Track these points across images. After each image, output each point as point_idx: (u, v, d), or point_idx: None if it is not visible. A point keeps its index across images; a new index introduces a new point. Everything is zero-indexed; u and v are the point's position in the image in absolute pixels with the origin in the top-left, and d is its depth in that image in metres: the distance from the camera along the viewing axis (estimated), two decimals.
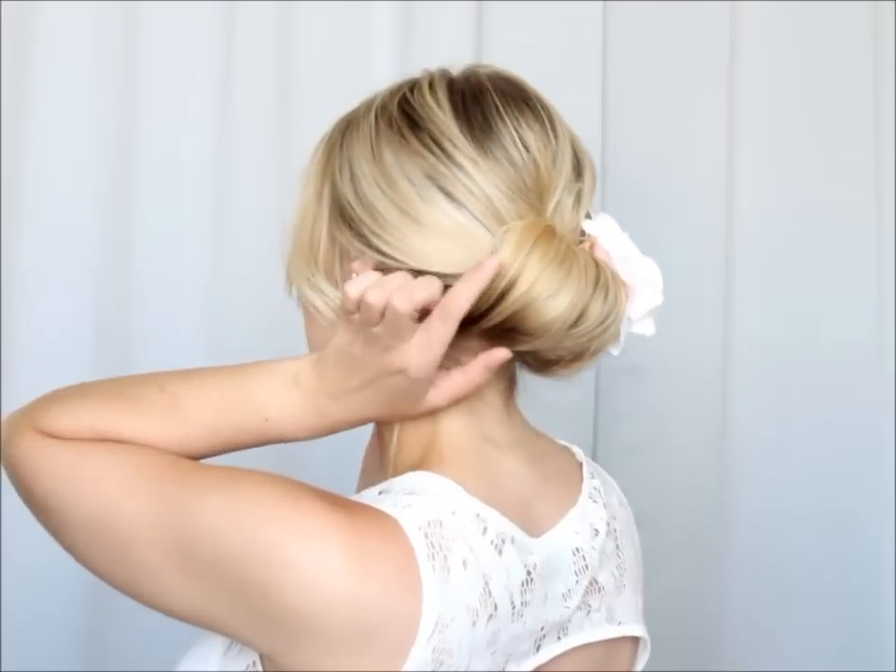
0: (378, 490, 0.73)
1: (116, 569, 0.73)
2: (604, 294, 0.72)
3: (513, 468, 0.78)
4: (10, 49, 1.52)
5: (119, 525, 0.70)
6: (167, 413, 0.75)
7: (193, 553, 0.67)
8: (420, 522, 0.68)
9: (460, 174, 0.73)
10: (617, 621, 0.82)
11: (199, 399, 0.75)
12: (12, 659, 1.50)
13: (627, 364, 1.67)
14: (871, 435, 1.66)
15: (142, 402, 0.75)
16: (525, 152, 0.74)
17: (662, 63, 1.67)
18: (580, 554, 0.79)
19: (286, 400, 0.75)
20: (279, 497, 0.67)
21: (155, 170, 1.56)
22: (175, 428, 0.74)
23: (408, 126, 0.75)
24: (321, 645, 0.66)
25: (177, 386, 0.76)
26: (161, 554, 0.69)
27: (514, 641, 0.73)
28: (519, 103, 0.77)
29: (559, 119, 0.79)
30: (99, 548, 0.73)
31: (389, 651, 0.66)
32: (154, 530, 0.69)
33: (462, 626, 0.68)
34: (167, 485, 0.70)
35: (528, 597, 0.73)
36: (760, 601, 1.65)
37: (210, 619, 0.69)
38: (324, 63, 1.57)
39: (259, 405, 0.75)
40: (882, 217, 1.67)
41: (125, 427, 0.74)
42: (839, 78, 1.67)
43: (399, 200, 0.74)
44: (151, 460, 0.73)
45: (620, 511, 0.87)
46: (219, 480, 0.70)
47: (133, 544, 0.70)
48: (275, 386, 0.75)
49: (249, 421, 0.75)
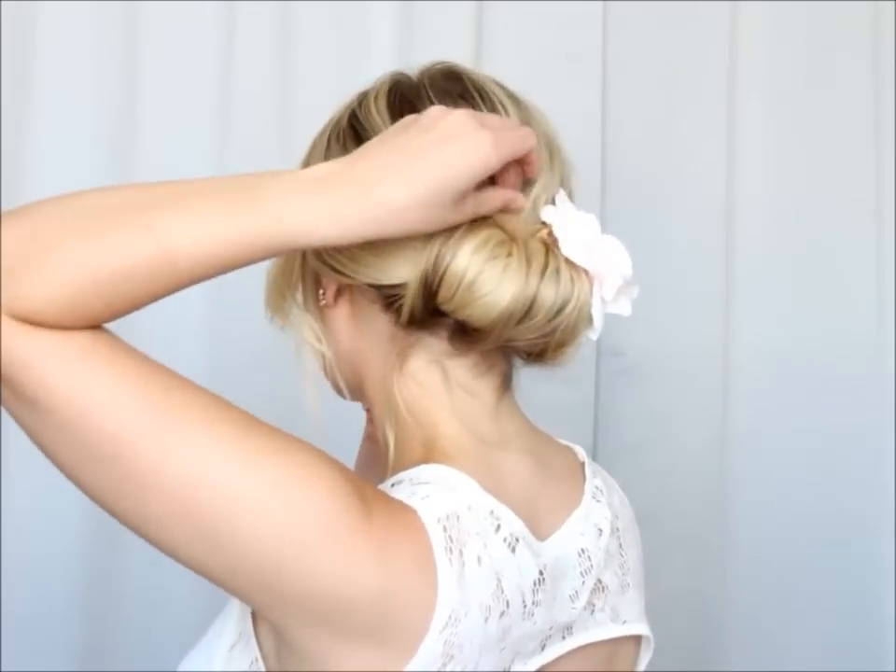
0: (391, 482, 0.73)
1: (117, 501, 0.65)
2: (554, 281, 0.70)
3: (514, 466, 0.78)
4: (10, 49, 1.52)
5: (139, 468, 0.63)
6: (166, 263, 0.63)
7: (220, 525, 0.64)
8: (439, 514, 0.68)
9: None
10: (622, 620, 0.83)
11: (195, 228, 0.64)
12: (12, 659, 1.50)
13: (627, 364, 1.67)
14: (871, 435, 1.66)
15: (126, 254, 0.63)
16: None
17: (662, 63, 1.67)
18: (585, 555, 0.79)
19: (308, 195, 0.65)
20: (328, 486, 0.65)
21: (155, 170, 1.56)
22: (168, 281, 0.65)
23: (352, 139, 0.76)
24: (338, 631, 0.66)
25: (166, 219, 0.64)
26: (179, 513, 0.64)
27: (523, 640, 0.73)
28: (455, 99, 0.76)
29: (508, 109, 0.76)
30: (105, 482, 0.65)
31: (402, 643, 0.66)
32: (178, 490, 0.63)
33: (474, 622, 0.68)
34: (207, 447, 0.63)
35: (540, 597, 0.73)
36: (760, 601, 1.65)
37: (221, 582, 0.67)
38: (324, 63, 1.57)
39: (273, 209, 0.64)
40: (882, 217, 1.67)
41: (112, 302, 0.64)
42: (839, 79, 1.67)
43: None
44: (189, 413, 0.64)
45: (622, 510, 0.87)
46: (271, 451, 0.65)
47: (150, 491, 0.63)
48: (291, 191, 0.65)
49: (258, 227, 0.64)
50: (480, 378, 0.77)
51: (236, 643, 0.73)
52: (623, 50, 1.67)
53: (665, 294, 1.68)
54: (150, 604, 1.53)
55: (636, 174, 1.67)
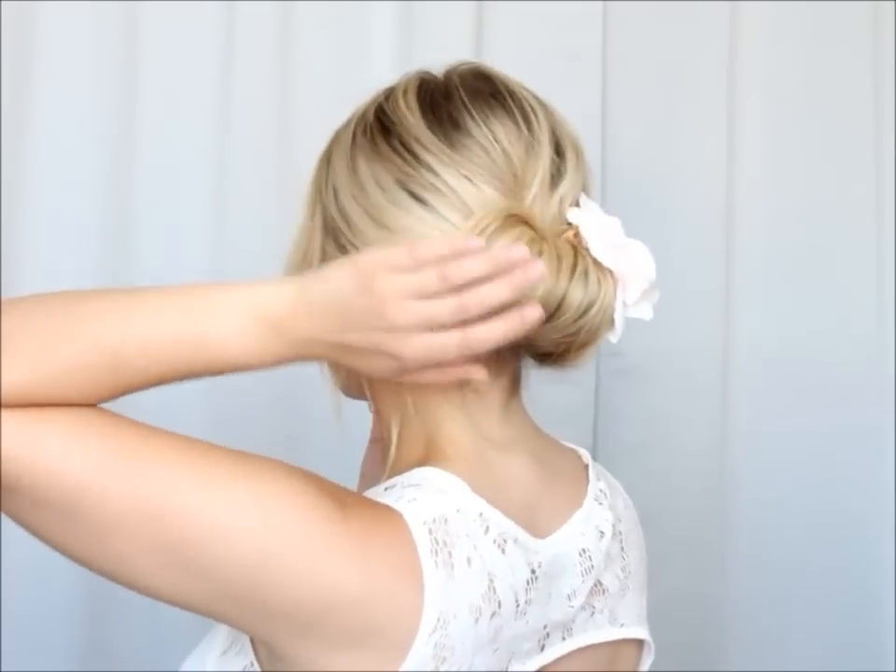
0: (384, 486, 0.73)
1: (95, 556, 0.66)
2: (583, 283, 0.71)
3: (517, 469, 0.78)
4: (10, 49, 1.52)
5: (101, 512, 0.64)
6: (109, 373, 0.65)
7: (194, 552, 0.64)
8: (425, 517, 0.68)
9: (427, 173, 0.73)
10: (619, 623, 0.83)
11: (145, 349, 0.65)
12: (12, 659, 1.50)
13: (627, 364, 1.67)
14: (871, 434, 1.66)
15: (82, 370, 0.65)
16: (494, 144, 0.74)
17: (662, 63, 1.67)
18: (586, 555, 0.79)
19: (241, 327, 0.65)
20: (299, 496, 0.66)
21: (155, 171, 1.56)
22: (117, 385, 0.66)
23: (380, 133, 0.76)
24: (327, 640, 0.66)
25: (117, 340, 0.65)
26: (150, 552, 0.65)
27: (517, 640, 0.73)
28: (487, 98, 0.77)
29: (537, 111, 0.78)
30: (73, 535, 0.66)
31: (391, 646, 0.66)
32: (143, 528, 0.64)
33: (464, 623, 0.68)
34: (165, 476, 0.64)
35: (532, 595, 0.73)
36: (760, 601, 1.65)
37: (205, 611, 0.68)
38: (324, 63, 1.57)
39: (212, 338, 0.66)
40: (882, 217, 1.67)
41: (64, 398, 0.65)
42: (839, 79, 1.67)
43: (370, 207, 0.75)
44: (144, 442, 0.65)
45: (625, 513, 0.87)
46: (233, 471, 0.65)
47: (115, 536, 0.64)
48: (232, 312, 0.66)
49: (197, 353, 0.66)
50: (491, 379, 0.76)
51: (228, 649, 0.73)
52: (622, 50, 1.66)
53: (665, 294, 1.66)
54: (151, 604, 1.52)
55: (636, 174, 1.67)
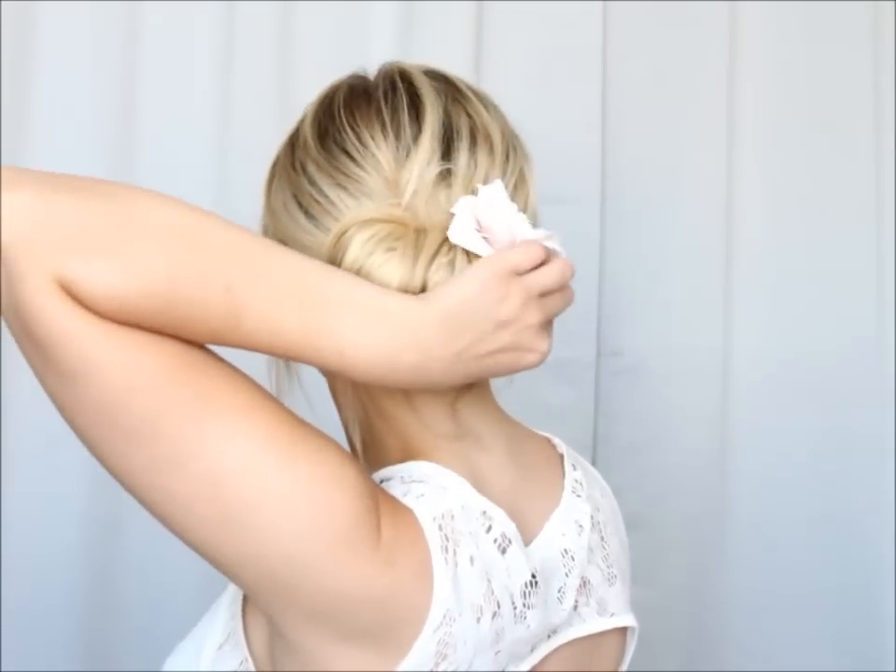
0: (379, 479, 0.73)
1: (141, 477, 0.63)
2: (446, 271, 0.70)
3: (491, 463, 0.78)
4: (10, 49, 1.52)
5: (168, 448, 0.62)
6: (227, 324, 0.63)
7: (239, 515, 0.63)
8: (435, 513, 0.69)
9: (311, 186, 0.74)
10: (609, 612, 0.83)
11: (269, 318, 0.64)
12: (12, 659, 1.50)
13: (627, 364, 1.67)
14: (871, 435, 1.66)
15: (199, 296, 0.62)
16: (362, 150, 0.74)
17: (662, 62, 1.67)
18: (568, 555, 0.79)
19: (372, 340, 0.65)
20: (351, 485, 0.65)
21: (155, 171, 1.56)
22: (220, 338, 0.64)
23: (289, 148, 0.79)
24: (339, 630, 0.66)
25: (246, 292, 0.63)
26: (205, 509, 0.63)
27: (518, 644, 0.73)
28: (359, 103, 0.77)
29: (422, 106, 0.75)
30: (132, 448, 0.63)
31: (397, 642, 0.66)
32: (204, 478, 0.62)
33: (468, 622, 0.68)
34: (243, 437, 0.63)
35: (533, 600, 0.73)
36: (759, 601, 1.65)
37: (228, 571, 0.66)
38: (324, 62, 1.57)
39: (338, 339, 0.65)
40: (882, 218, 1.67)
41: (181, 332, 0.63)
42: (839, 78, 1.67)
43: (274, 224, 0.77)
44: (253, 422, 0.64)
45: (603, 501, 0.87)
46: (293, 442, 0.64)
47: (173, 474, 0.62)
48: (365, 324, 0.66)
49: (317, 350, 0.65)
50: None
51: (224, 643, 0.73)
52: (623, 50, 1.66)
53: (665, 294, 1.68)
54: (151, 603, 1.53)
55: (636, 174, 1.67)
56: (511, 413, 0.85)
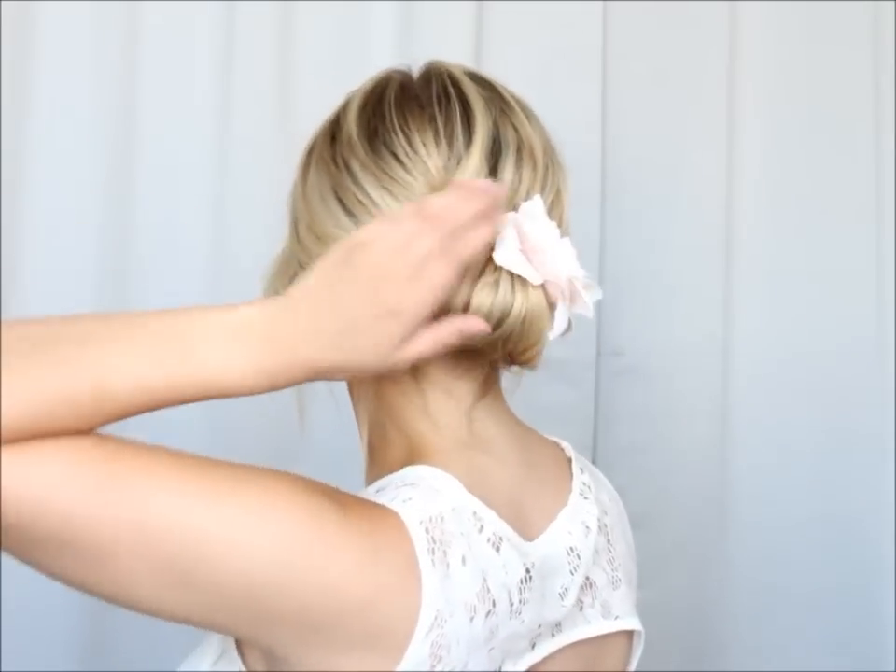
0: (375, 488, 0.73)
1: (95, 582, 0.65)
2: (490, 291, 0.72)
3: (496, 468, 0.78)
4: (10, 49, 1.52)
5: (97, 541, 0.62)
6: (94, 404, 0.63)
7: (195, 569, 0.63)
8: (421, 517, 0.69)
9: (354, 185, 0.75)
10: (614, 615, 0.83)
11: (127, 371, 0.63)
12: (12, 659, 1.50)
13: (627, 364, 1.67)
14: (872, 435, 1.66)
15: (62, 389, 0.62)
16: (412, 155, 0.74)
17: (662, 62, 1.67)
18: (574, 553, 0.79)
19: (232, 349, 0.65)
20: (296, 504, 0.65)
21: (155, 170, 1.56)
22: (99, 415, 0.64)
23: (330, 140, 0.78)
24: (332, 643, 0.66)
25: (100, 359, 0.63)
26: (151, 574, 0.63)
27: (512, 639, 0.73)
28: (411, 106, 0.77)
29: (472, 115, 0.76)
30: (71, 565, 0.64)
31: (390, 646, 0.66)
32: (142, 551, 0.62)
33: (460, 622, 0.68)
34: (158, 496, 0.63)
35: (527, 595, 0.73)
36: (760, 601, 1.65)
37: (207, 625, 0.67)
38: (324, 62, 1.57)
39: (200, 360, 0.65)
40: (882, 217, 1.67)
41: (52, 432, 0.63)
42: (839, 78, 1.67)
43: (311, 216, 0.77)
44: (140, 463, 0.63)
45: (610, 505, 0.88)
46: (227, 485, 0.64)
47: (113, 562, 0.63)
48: (220, 338, 0.65)
49: (186, 377, 0.65)
50: (459, 379, 0.77)
51: (220, 658, 0.73)
52: (623, 50, 1.66)
53: (665, 294, 1.68)
54: None
55: (636, 174, 1.67)
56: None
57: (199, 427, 1.47)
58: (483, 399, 0.79)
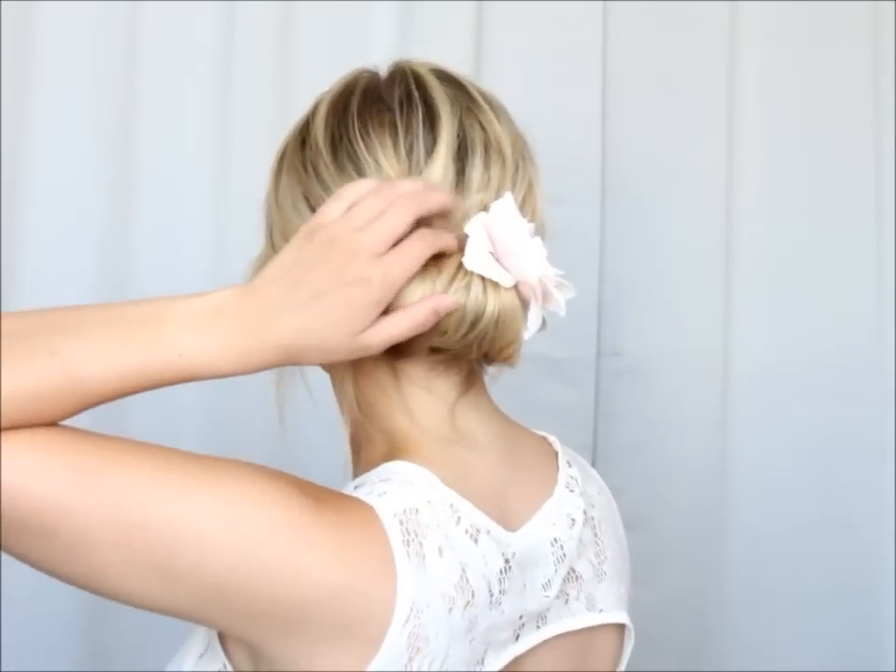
0: (353, 485, 0.73)
1: (75, 572, 0.66)
2: (462, 294, 0.72)
3: (479, 462, 0.78)
4: (10, 49, 1.52)
5: (74, 530, 0.63)
6: (68, 390, 0.64)
7: (170, 560, 0.64)
8: (396, 509, 0.69)
9: (322, 190, 0.75)
10: (598, 608, 0.83)
11: (98, 357, 0.65)
12: (12, 659, 1.50)
13: (627, 364, 1.67)
14: (872, 436, 1.66)
15: (33, 377, 0.63)
16: (373, 163, 0.75)
17: (662, 62, 1.67)
18: (558, 544, 0.80)
19: (203, 330, 0.67)
20: (267, 495, 0.66)
21: (155, 171, 1.56)
22: (74, 403, 0.65)
23: (300, 145, 0.79)
24: (310, 635, 0.66)
25: (70, 346, 0.64)
26: (128, 564, 0.64)
27: (493, 630, 0.73)
28: (374, 112, 0.77)
29: (437, 118, 0.76)
30: (52, 554, 0.65)
31: (369, 638, 0.67)
32: (118, 540, 0.63)
33: (438, 613, 0.68)
34: (133, 487, 0.64)
35: (506, 585, 0.73)
36: (759, 602, 1.65)
37: (188, 616, 0.68)
38: (324, 62, 1.57)
39: (171, 343, 0.66)
40: (882, 218, 1.67)
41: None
42: (839, 78, 1.67)
43: (283, 223, 0.78)
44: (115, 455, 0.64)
45: (599, 499, 0.88)
46: (199, 476, 0.65)
47: (92, 551, 0.64)
48: (190, 322, 0.67)
49: (157, 360, 0.66)
50: (439, 377, 0.78)
51: (204, 652, 0.74)
52: (623, 50, 1.66)
53: (666, 294, 1.68)
54: None
55: (636, 174, 1.67)
56: (510, 412, 0.85)
57: (199, 417, 1.48)
58: (465, 395, 0.79)
